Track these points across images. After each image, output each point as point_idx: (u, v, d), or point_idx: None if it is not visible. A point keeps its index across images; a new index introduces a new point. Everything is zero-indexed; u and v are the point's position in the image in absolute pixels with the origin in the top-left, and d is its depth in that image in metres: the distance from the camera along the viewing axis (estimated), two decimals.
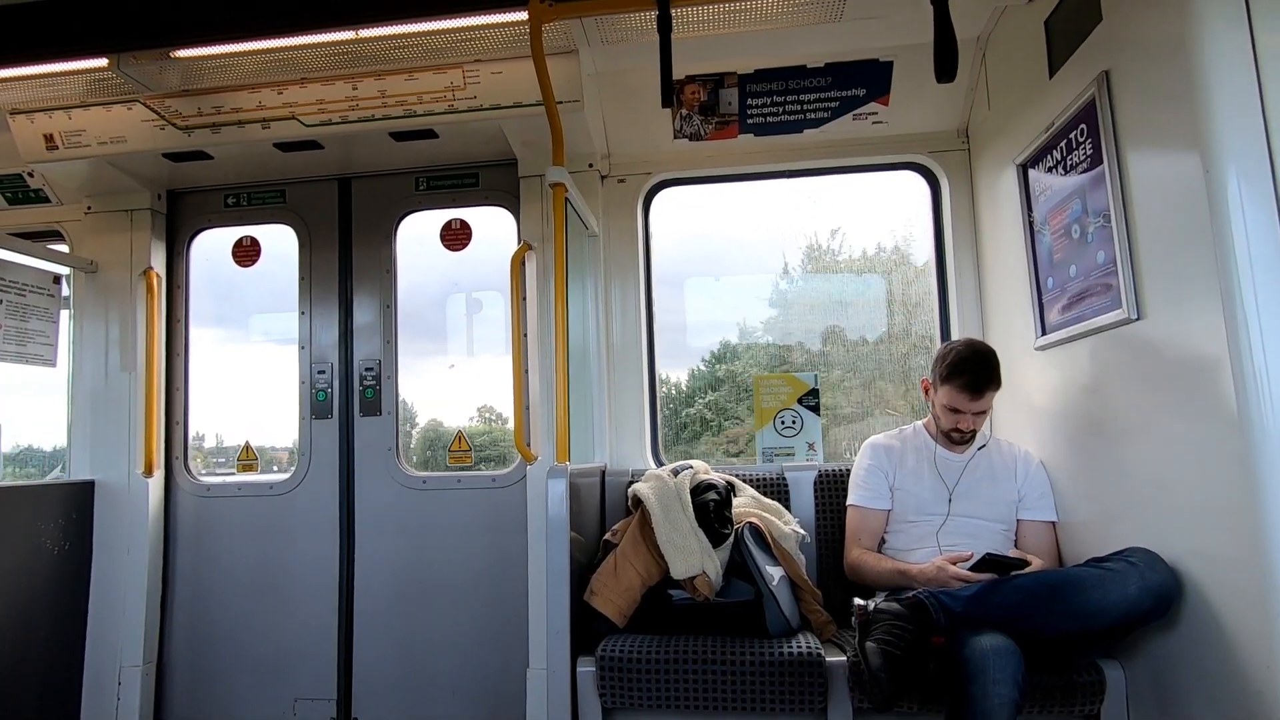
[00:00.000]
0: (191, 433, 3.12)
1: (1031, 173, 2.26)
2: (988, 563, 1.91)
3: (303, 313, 3.05)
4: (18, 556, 2.64)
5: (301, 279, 3.06)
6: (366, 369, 2.97)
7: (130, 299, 2.96)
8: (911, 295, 3.10)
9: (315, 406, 2.98)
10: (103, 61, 2.44)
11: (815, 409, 2.83)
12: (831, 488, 2.57)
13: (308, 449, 2.97)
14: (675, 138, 2.83)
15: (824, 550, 2.51)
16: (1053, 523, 2.21)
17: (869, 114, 2.72)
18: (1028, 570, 1.90)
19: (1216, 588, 1.55)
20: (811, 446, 2.81)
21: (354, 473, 2.95)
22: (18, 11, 2.28)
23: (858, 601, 1.87)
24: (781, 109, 2.73)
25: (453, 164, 2.98)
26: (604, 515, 2.57)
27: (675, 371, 3.26)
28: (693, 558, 2.11)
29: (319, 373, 3.00)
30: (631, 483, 2.45)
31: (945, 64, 1.88)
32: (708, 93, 2.72)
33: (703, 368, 3.33)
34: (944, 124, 2.78)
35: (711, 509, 2.17)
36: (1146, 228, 1.73)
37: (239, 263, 3.17)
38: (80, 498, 2.87)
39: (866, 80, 2.65)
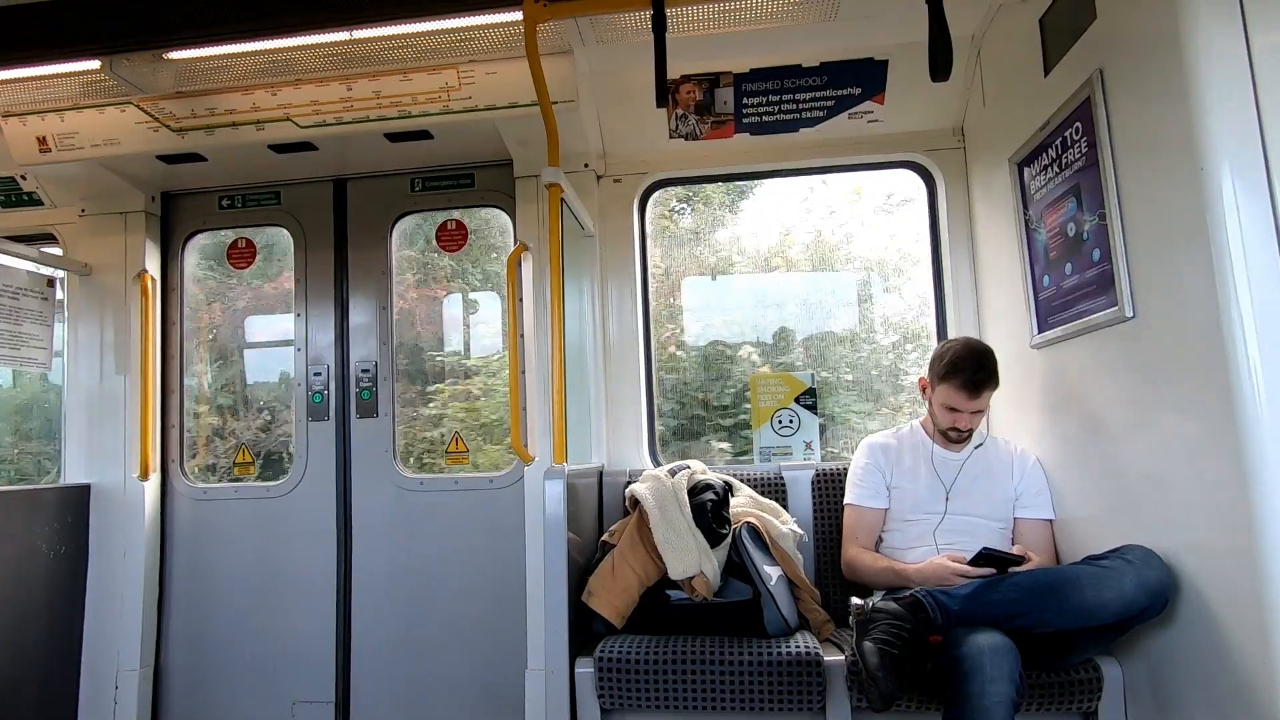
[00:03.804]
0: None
1: (1027, 171, 2.27)
2: (984, 557, 1.92)
3: (298, 314, 3.04)
4: (13, 561, 2.63)
5: (297, 281, 3.05)
6: (363, 370, 2.97)
7: (124, 302, 2.95)
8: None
9: (311, 409, 2.97)
10: (95, 64, 2.43)
11: (813, 408, 2.83)
12: (829, 487, 2.57)
13: (304, 451, 2.96)
14: (671, 137, 2.83)
15: (822, 549, 2.52)
16: (1050, 520, 2.22)
17: (864, 113, 2.72)
18: (1025, 567, 1.91)
19: (1212, 584, 1.56)
20: (809, 445, 2.81)
21: (351, 475, 2.95)
22: (9, 14, 2.27)
23: (855, 601, 1.87)
24: (777, 108, 2.73)
25: (448, 165, 2.97)
26: (601, 516, 2.57)
27: None
28: (690, 558, 2.11)
29: (315, 374, 2.99)
30: (629, 483, 2.45)
31: (940, 62, 1.88)
32: (703, 92, 2.72)
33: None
34: (939, 122, 2.79)
35: (709, 509, 2.17)
36: (1141, 225, 1.73)
37: (234, 264, 3.17)
38: (76, 501, 2.85)
39: (862, 79, 2.65)
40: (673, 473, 2.32)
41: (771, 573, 2.13)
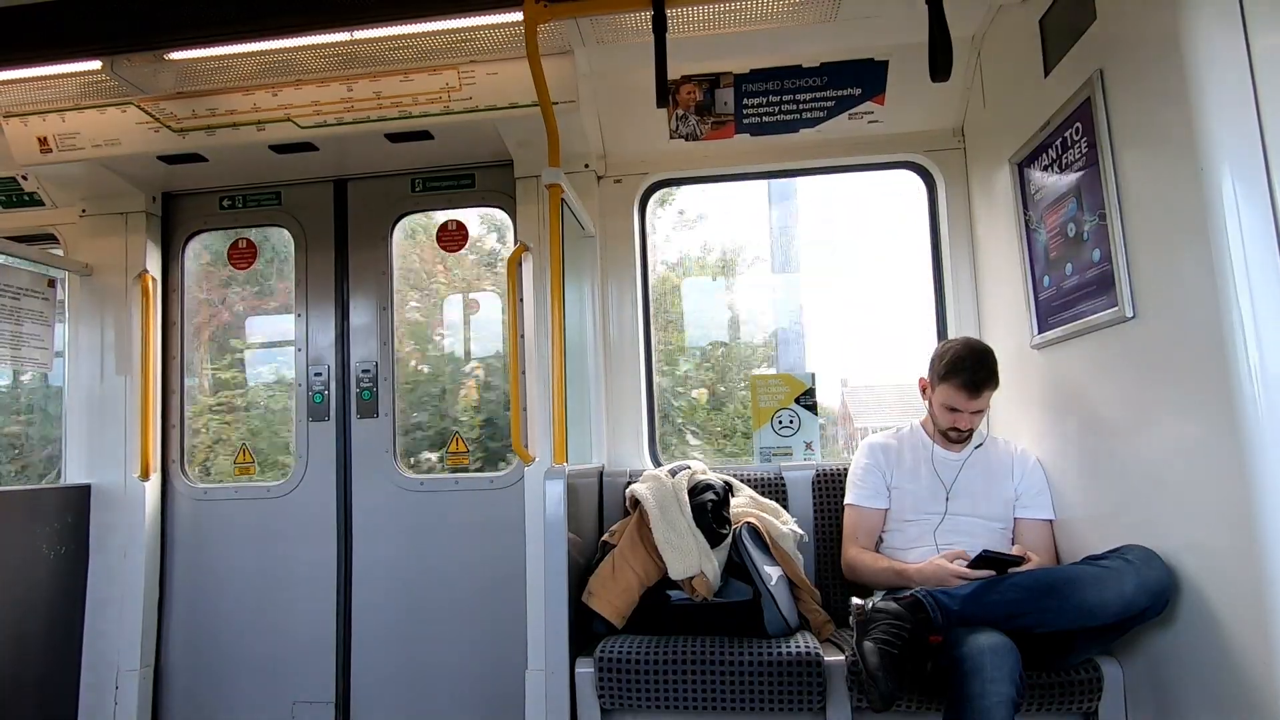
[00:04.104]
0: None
1: (1027, 171, 2.27)
2: (985, 559, 1.92)
3: (299, 315, 3.04)
4: (14, 561, 2.63)
5: (298, 281, 3.05)
6: (364, 370, 2.97)
7: (125, 302, 2.95)
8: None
9: (312, 409, 2.98)
10: (96, 64, 2.43)
11: (813, 409, 2.83)
12: (829, 487, 2.57)
13: (304, 451, 2.96)
14: (671, 138, 2.83)
15: (822, 550, 2.52)
16: (1050, 521, 2.22)
17: (865, 113, 2.72)
18: (1025, 567, 1.91)
19: (1213, 584, 1.56)
20: (809, 446, 2.81)
21: (351, 475, 2.95)
22: (9, 14, 2.27)
23: (855, 601, 1.87)
24: (777, 109, 2.73)
25: (448, 165, 2.97)
26: (602, 516, 2.57)
27: None
28: (690, 558, 2.11)
29: (315, 374, 2.99)
30: (629, 483, 2.45)
31: (940, 63, 1.88)
32: (704, 92, 2.72)
33: None
34: (940, 123, 2.79)
35: (709, 509, 2.17)
36: (1142, 226, 1.73)
37: (235, 265, 3.17)
38: (77, 501, 2.86)
39: (862, 80, 2.65)
40: (673, 473, 2.32)
41: (772, 573, 2.13)
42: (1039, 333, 2.24)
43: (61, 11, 2.28)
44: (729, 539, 2.20)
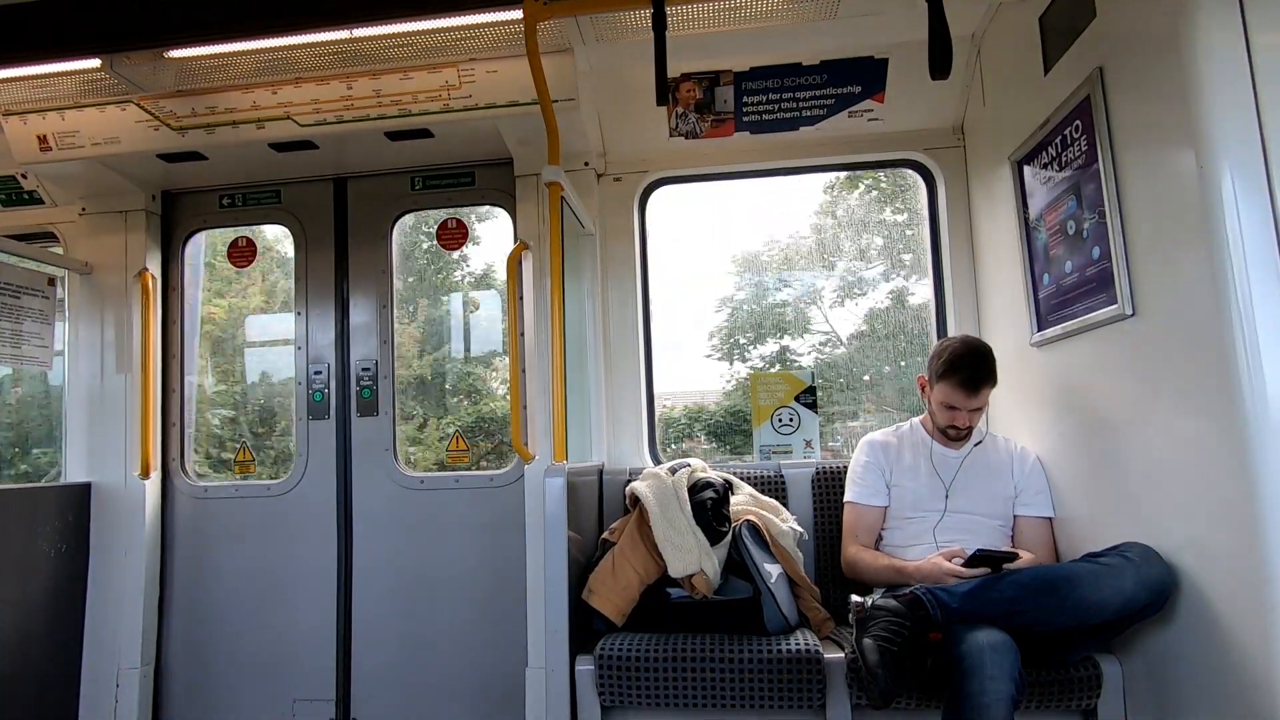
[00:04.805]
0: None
1: (1027, 169, 2.27)
2: (979, 558, 1.92)
3: (299, 313, 3.04)
4: (14, 559, 2.63)
5: (297, 279, 3.05)
6: (364, 369, 2.97)
7: (125, 301, 2.95)
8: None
9: (312, 407, 2.98)
10: (96, 62, 2.43)
11: (813, 406, 2.83)
12: (829, 485, 2.57)
13: (304, 449, 2.97)
14: (671, 136, 2.83)
15: (822, 547, 2.52)
16: (1049, 518, 2.22)
17: (864, 111, 2.72)
18: (1021, 564, 1.91)
19: (1212, 582, 1.56)
20: (809, 444, 2.81)
21: (351, 473, 2.95)
22: (9, 13, 2.27)
23: (855, 598, 1.87)
24: (777, 106, 2.74)
25: (448, 164, 2.97)
26: (602, 514, 2.57)
27: None
28: (690, 556, 2.11)
29: (315, 373, 2.99)
30: (629, 481, 2.45)
31: (940, 61, 1.88)
32: (704, 90, 2.72)
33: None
34: (939, 121, 2.79)
35: (709, 507, 2.17)
36: (1141, 223, 1.74)
37: (234, 263, 3.17)
38: (77, 500, 2.86)
39: (862, 77, 2.65)
40: (673, 470, 2.33)
41: (771, 570, 2.14)
42: (1038, 330, 2.24)
43: (61, 9, 2.28)
44: (729, 537, 2.20)
